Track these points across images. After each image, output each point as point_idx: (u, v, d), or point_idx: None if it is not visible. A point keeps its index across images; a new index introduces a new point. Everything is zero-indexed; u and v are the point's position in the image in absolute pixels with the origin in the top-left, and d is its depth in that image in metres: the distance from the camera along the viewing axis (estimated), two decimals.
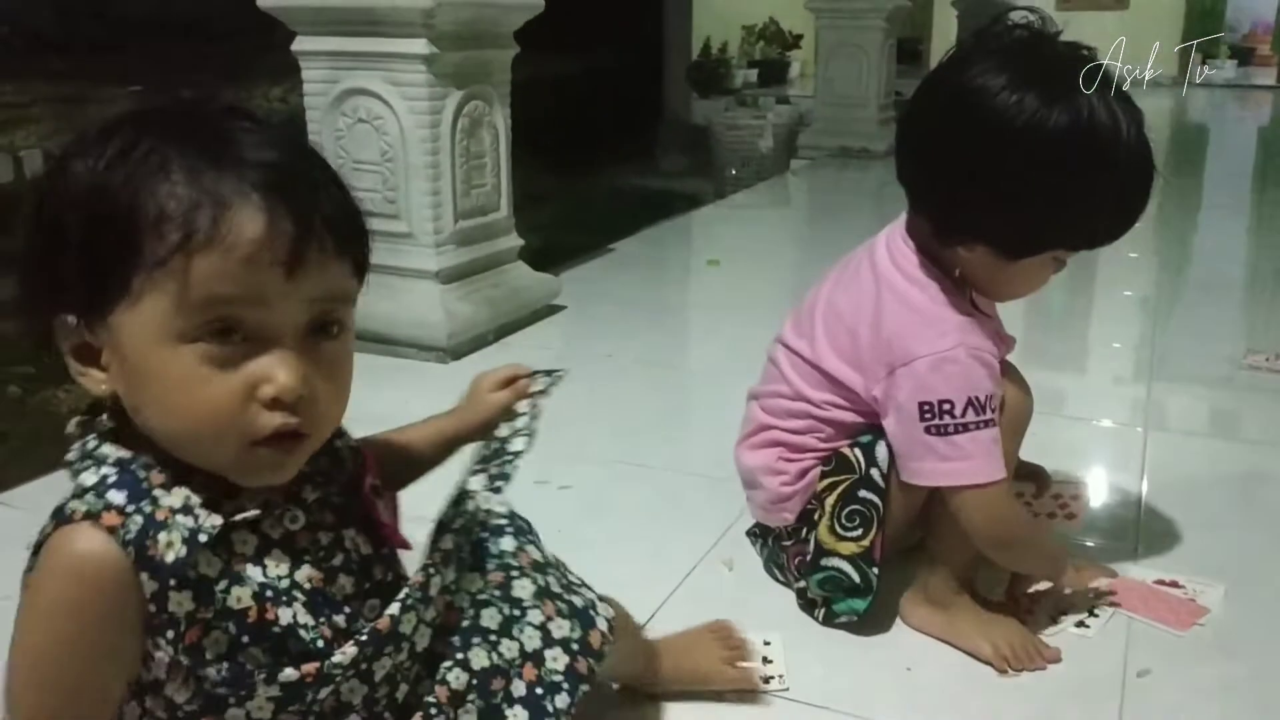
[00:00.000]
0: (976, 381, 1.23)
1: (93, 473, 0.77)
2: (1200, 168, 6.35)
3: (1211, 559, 1.52)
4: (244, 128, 0.77)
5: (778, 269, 3.49)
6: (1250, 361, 2.40)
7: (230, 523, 0.78)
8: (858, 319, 1.31)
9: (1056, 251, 1.25)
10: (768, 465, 1.40)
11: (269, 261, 0.72)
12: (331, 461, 0.87)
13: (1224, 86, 10.89)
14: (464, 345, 2.43)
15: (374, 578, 0.88)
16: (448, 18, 2.31)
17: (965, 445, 1.22)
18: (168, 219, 0.71)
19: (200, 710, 0.79)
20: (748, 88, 9.23)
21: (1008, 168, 1.17)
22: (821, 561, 1.32)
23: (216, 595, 0.77)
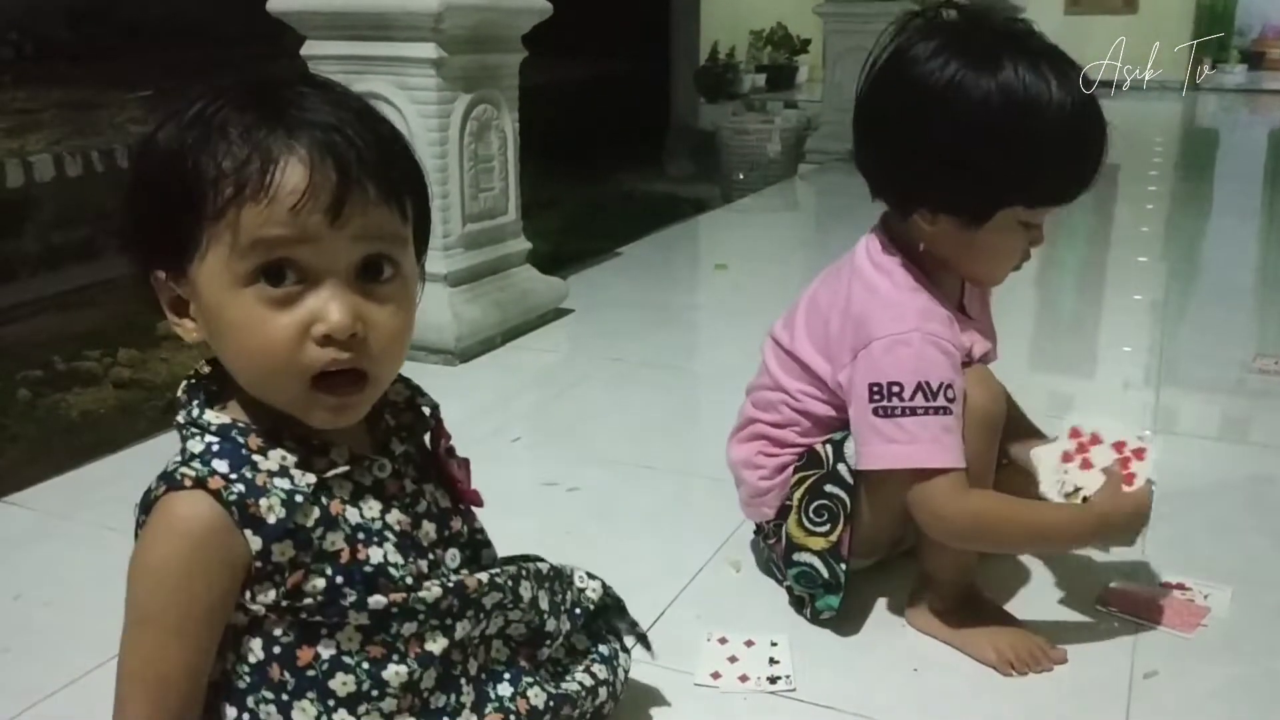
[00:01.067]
0: (929, 366, 1.21)
1: (198, 440, 0.85)
2: (1210, 172, 6.33)
3: (1219, 562, 1.52)
4: (302, 93, 0.83)
5: (785, 273, 3.48)
6: (1260, 365, 2.39)
7: (324, 479, 0.86)
8: (831, 308, 1.33)
9: (1014, 210, 1.22)
10: (748, 459, 1.42)
11: (313, 208, 0.79)
12: (415, 418, 0.96)
13: (1234, 90, 10.85)
14: (472, 348, 2.44)
15: (453, 528, 0.95)
16: (456, 22, 2.32)
17: (911, 428, 1.21)
18: (224, 175, 0.79)
19: (294, 642, 0.85)
20: (755, 92, 9.23)
21: (940, 130, 1.19)
22: (794, 556, 1.33)
23: (314, 541, 0.84)
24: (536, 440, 2.07)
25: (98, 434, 2.66)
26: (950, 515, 1.23)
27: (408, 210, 0.85)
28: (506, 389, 2.33)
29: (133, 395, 3.02)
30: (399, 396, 0.97)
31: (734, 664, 1.28)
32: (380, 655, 0.87)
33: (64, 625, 1.39)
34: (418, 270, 0.90)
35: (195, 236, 0.80)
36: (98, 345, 3.34)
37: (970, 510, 1.23)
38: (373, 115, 0.86)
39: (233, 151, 0.79)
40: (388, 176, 0.82)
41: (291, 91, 0.83)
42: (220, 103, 0.82)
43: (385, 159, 0.83)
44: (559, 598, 1.04)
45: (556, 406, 2.23)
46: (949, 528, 1.25)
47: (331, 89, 0.86)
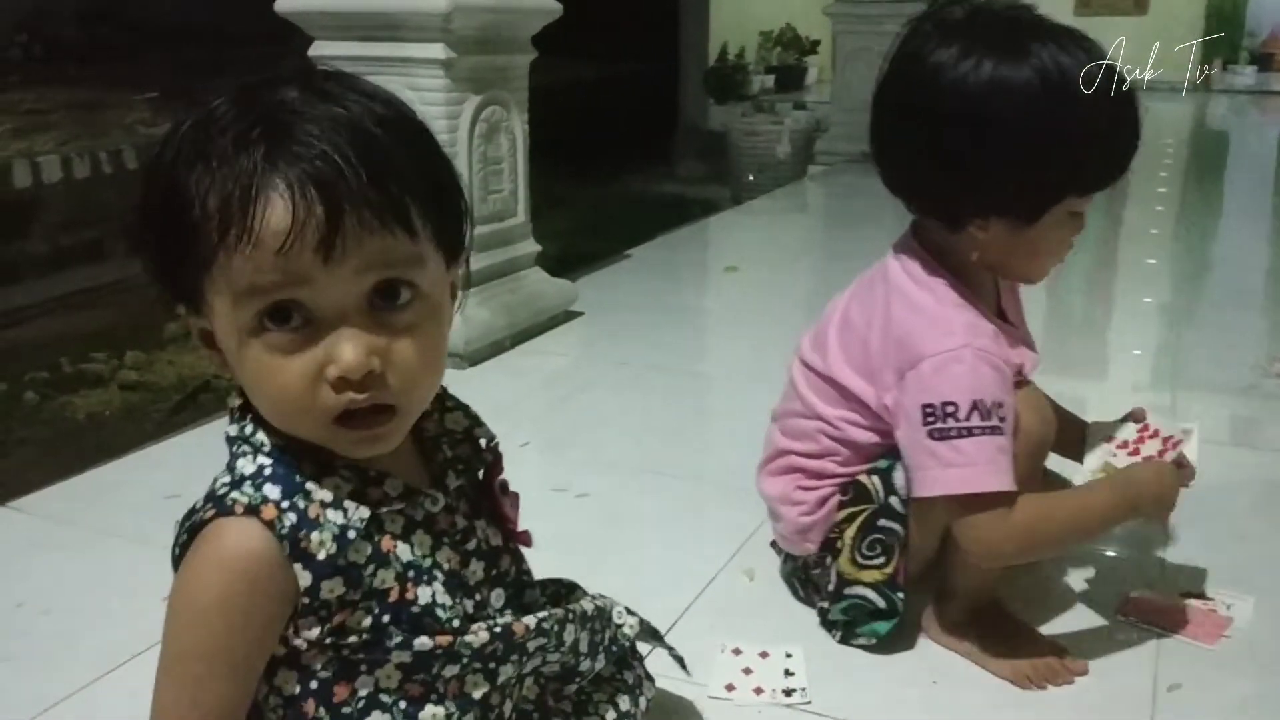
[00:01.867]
0: (983, 384, 1.17)
1: (250, 460, 0.81)
2: (1221, 173, 6.30)
3: (1241, 570, 1.50)
4: (293, 102, 0.76)
5: (796, 275, 3.46)
6: (1277, 369, 2.36)
7: (377, 514, 0.81)
8: (869, 328, 1.28)
9: (1068, 201, 1.19)
10: (786, 494, 1.36)
11: (301, 248, 0.72)
12: (473, 450, 0.92)
13: (1244, 92, 10.81)
14: (481, 351, 2.42)
15: (500, 567, 0.91)
16: (465, 22, 2.30)
17: (968, 450, 1.16)
18: (208, 218, 0.73)
19: (332, 678, 0.81)
20: (765, 93, 9.20)
21: (991, 134, 1.15)
22: (845, 591, 1.29)
23: (364, 579, 0.80)
24: (545, 445, 2.05)
25: (104, 436, 2.65)
26: (1000, 539, 1.20)
27: (416, 225, 0.77)
28: (515, 392, 2.31)
29: (139, 397, 3.00)
30: (458, 426, 0.93)
31: (748, 676, 1.26)
32: (418, 695, 0.84)
33: (65, 634, 1.37)
34: (448, 278, 0.83)
35: (198, 283, 0.76)
36: (104, 347, 3.33)
37: (1017, 528, 1.19)
38: (374, 119, 0.77)
39: (215, 188, 0.73)
40: (386, 198, 0.74)
41: (282, 101, 0.76)
42: (209, 121, 0.76)
43: (381, 177, 0.74)
44: (599, 637, 1.01)
45: (565, 410, 2.21)
46: (999, 550, 1.22)
47: (330, 90, 0.78)
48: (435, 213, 0.79)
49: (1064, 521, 1.24)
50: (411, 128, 0.80)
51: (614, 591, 1.43)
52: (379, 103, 0.79)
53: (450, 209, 0.82)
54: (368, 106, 0.77)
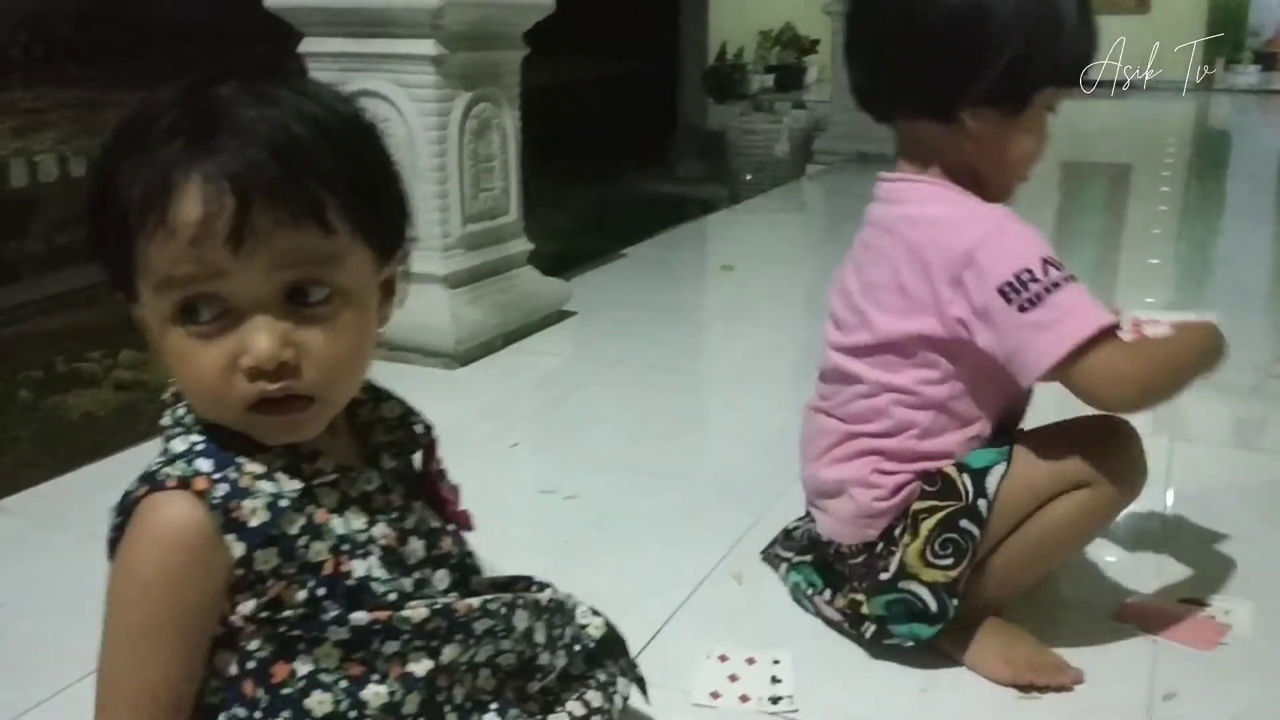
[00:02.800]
0: (1038, 241, 1.19)
1: (182, 440, 0.82)
2: (1223, 173, 6.27)
3: (1239, 575, 1.47)
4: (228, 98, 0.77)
5: (793, 274, 3.44)
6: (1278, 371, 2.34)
7: (310, 486, 0.83)
8: (897, 272, 1.24)
9: (1048, 91, 1.24)
10: (861, 478, 1.29)
11: (212, 241, 0.74)
12: (407, 436, 0.93)
13: (1246, 91, 10.79)
14: (472, 351, 2.39)
15: (442, 548, 0.92)
16: (456, 18, 2.28)
17: (1064, 302, 1.15)
18: (131, 207, 0.75)
19: (270, 658, 0.81)
20: (764, 93, 9.19)
21: (984, 25, 1.20)
22: (900, 584, 1.24)
23: (298, 550, 0.81)
24: (536, 445, 2.02)
25: (98, 435, 2.63)
26: (1133, 367, 1.17)
27: (333, 222, 0.77)
28: (507, 393, 2.29)
29: (134, 397, 2.99)
30: (392, 414, 0.94)
31: (734, 683, 1.23)
32: (359, 674, 0.83)
33: (47, 636, 1.35)
34: (379, 275, 0.84)
35: (126, 271, 0.78)
36: (99, 346, 3.32)
37: (1142, 354, 1.19)
38: (301, 117, 0.77)
39: (140, 177, 0.75)
40: (299, 193, 0.75)
41: (215, 96, 0.77)
42: (144, 112, 0.78)
43: (296, 173, 0.75)
44: (557, 631, 1.00)
45: (557, 410, 2.19)
46: (1138, 378, 1.17)
47: (268, 88, 0.79)
48: (361, 211, 0.80)
49: (1176, 351, 1.24)
50: (347, 126, 0.81)
51: (601, 594, 1.41)
52: (315, 101, 0.80)
53: (383, 208, 0.83)
54: (298, 105, 0.78)
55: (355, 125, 0.82)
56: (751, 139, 5.62)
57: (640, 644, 1.30)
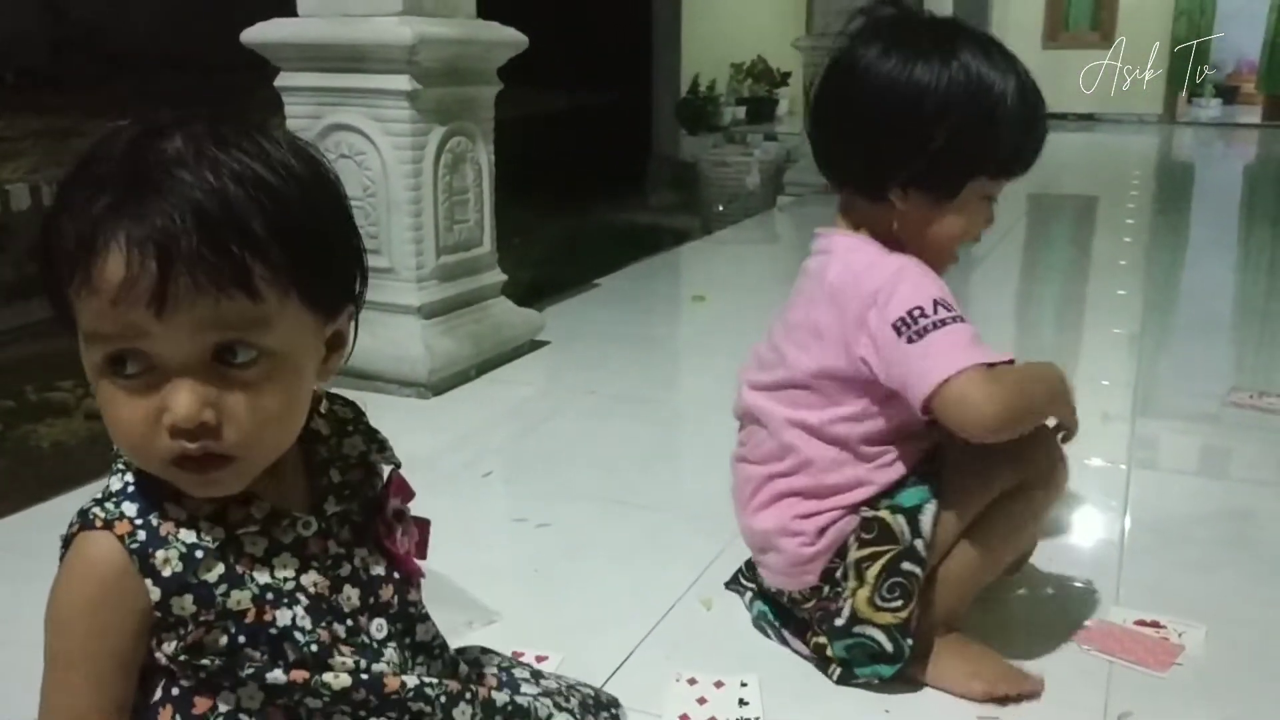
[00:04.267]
0: (935, 287, 1.25)
1: (119, 478, 0.83)
2: (1187, 205, 6.38)
3: (1195, 599, 1.51)
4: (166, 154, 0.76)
5: (764, 304, 3.45)
6: (1234, 399, 2.39)
7: (232, 536, 0.82)
8: (811, 311, 1.32)
9: (979, 183, 1.29)
10: (783, 526, 1.33)
11: (133, 302, 0.73)
12: (365, 475, 0.92)
13: (1209, 124, 10.98)
14: (446, 381, 2.42)
15: (381, 597, 0.90)
16: (430, 55, 2.31)
17: (948, 337, 1.20)
18: (64, 258, 0.75)
19: (195, 688, 0.82)
20: (736, 125, 9.28)
21: (907, 119, 1.25)
22: (854, 629, 1.28)
23: (216, 599, 0.81)
24: (508, 475, 2.05)
25: (69, 465, 2.62)
26: (993, 397, 1.19)
27: (260, 288, 0.76)
28: (480, 422, 2.31)
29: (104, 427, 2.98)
30: (353, 451, 0.92)
31: (703, 705, 1.26)
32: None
33: (16, 666, 1.34)
34: (321, 333, 0.83)
35: (65, 315, 0.78)
36: (70, 376, 3.31)
37: (1003, 386, 1.20)
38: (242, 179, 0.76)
39: (70, 230, 0.75)
40: (224, 261, 0.74)
41: (161, 151, 0.76)
42: (92, 159, 0.77)
43: (223, 240, 0.74)
44: None
45: (530, 440, 2.21)
46: (996, 410, 1.19)
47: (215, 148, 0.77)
48: (299, 273, 0.78)
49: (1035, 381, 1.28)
50: (296, 186, 0.79)
51: (571, 622, 1.44)
52: (264, 159, 0.78)
53: (327, 267, 0.82)
54: (243, 164, 0.77)
55: (305, 184, 0.80)
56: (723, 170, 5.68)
57: (610, 669, 1.33)
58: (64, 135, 5.73)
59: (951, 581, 1.30)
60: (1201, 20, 11.08)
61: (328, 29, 2.36)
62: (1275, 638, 1.43)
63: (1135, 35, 11.12)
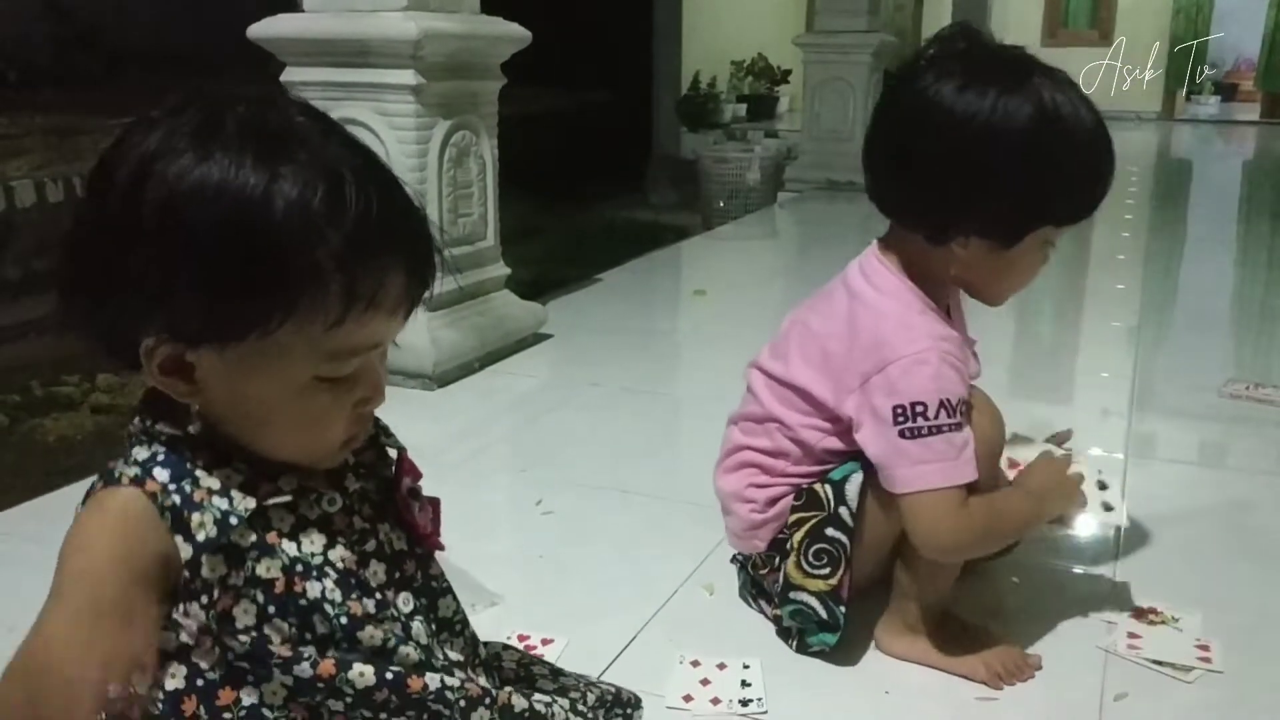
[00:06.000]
0: (948, 384, 1.23)
1: (145, 448, 0.82)
2: (1185, 201, 6.40)
3: (1193, 585, 1.53)
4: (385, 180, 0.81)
5: (764, 299, 3.50)
6: (1230, 390, 2.41)
7: (264, 506, 0.83)
8: (829, 334, 1.32)
9: (1045, 230, 1.27)
10: (738, 492, 1.40)
11: (401, 313, 0.82)
12: (378, 457, 0.94)
13: (1208, 122, 11.00)
14: (450, 373, 2.44)
15: (405, 571, 0.92)
16: (435, 49, 2.33)
17: (939, 447, 1.22)
18: (344, 286, 0.76)
19: (220, 680, 0.82)
20: (737, 122, 9.29)
21: (984, 160, 1.21)
22: (790, 595, 1.32)
23: (247, 562, 0.81)
24: (513, 465, 2.07)
25: (75, 459, 2.65)
26: (957, 527, 1.23)
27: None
28: (484, 413, 2.33)
29: (110, 421, 3.00)
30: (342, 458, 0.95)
31: (706, 687, 1.28)
32: (302, 718, 0.84)
33: None
34: None
35: (265, 330, 0.75)
36: (76, 370, 3.33)
37: (970, 517, 1.24)
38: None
39: (344, 260, 0.75)
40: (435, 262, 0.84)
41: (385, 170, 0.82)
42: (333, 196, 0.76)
43: (433, 247, 0.84)
44: None
45: (534, 431, 2.24)
46: (955, 540, 1.25)
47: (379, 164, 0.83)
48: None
49: (1001, 518, 1.28)
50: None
51: (575, 608, 1.46)
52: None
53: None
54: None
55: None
56: (723, 167, 5.69)
57: (615, 652, 1.35)
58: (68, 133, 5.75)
59: (923, 563, 1.31)
60: (1199, 18, 11.11)
61: (333, 24, 2.38)
62: (1270, 622, 1.45)
63: (1133, 33, 11.14)
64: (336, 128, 0.83)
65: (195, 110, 0.78)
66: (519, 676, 1.07)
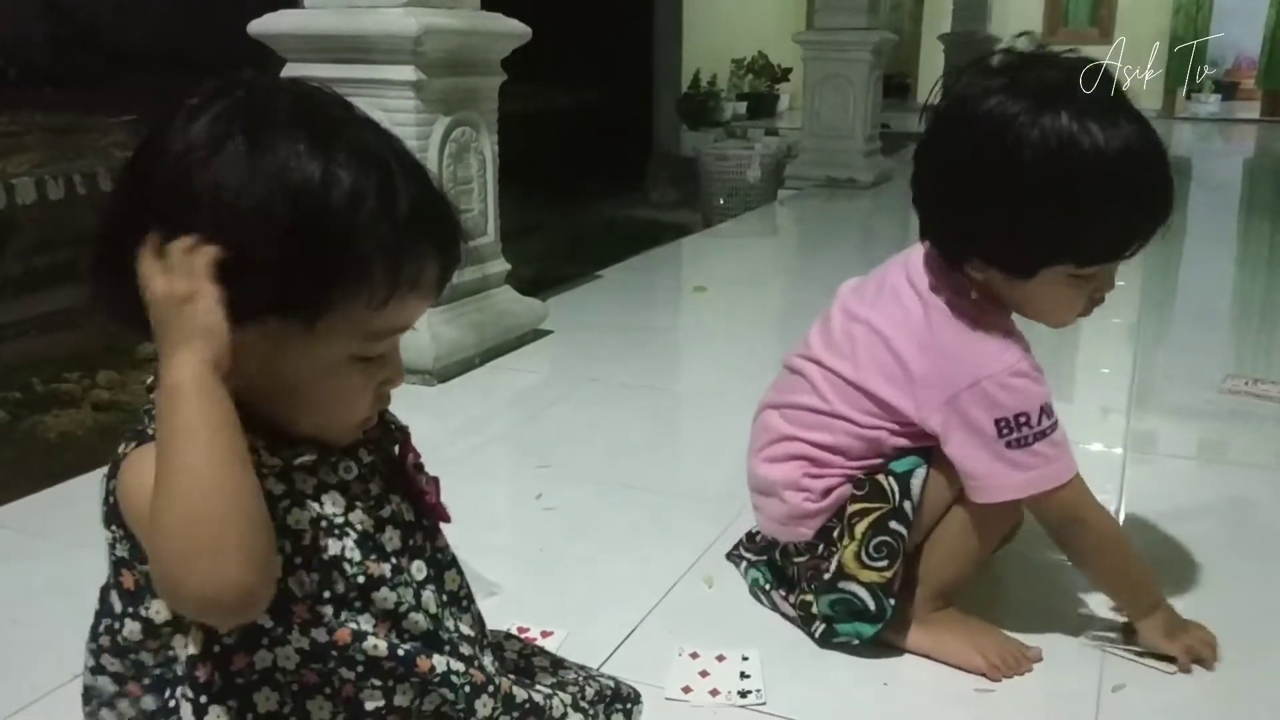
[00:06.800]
0: (1042, 390, 1.26)
1: None
2: (1184, 199, 6.40)
3: (1193, 577, 1.54)
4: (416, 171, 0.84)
5: (764, 296, 3.51)
6: (1229, 386, 2.42)
7: (290, 465, 0.85)
8: (904, 342, 1.28)
9: (1062, 268, 1.21)
10: (791, 480, 1.36)
11: (433, 296, 0.86)
12: (383, 432, 0.95)
13: (1208, 120, 11.00)
14: (450, 369, 2.44)
15: (416, 541, 0.94)
16: (435, 45, 2.34)
17: (1045, 450, 1.24)
18: (389, 268, 0.80)
19: (235, 645, 0.82)
20: (737, 120, 9.29)
21: (993, 188, 1.18)
22: (839, 584, 1.31)
23: (279, 510, 0.83)
24: (514, 460, 2.07)
25: (76, 455, 2.65)
26: (1098, 512, 1.29)
27: None
28: (485, 409, 2.34)
29: (111, 417, 3.01)
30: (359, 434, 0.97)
31: (705, 678, 1.29)
32: (312, 683, 0.85)
33: (30, 643, 1.38)
34: None
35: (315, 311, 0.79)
36: (77, 367, 3.34)
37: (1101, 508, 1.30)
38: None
39: (383, 242, 0.79)
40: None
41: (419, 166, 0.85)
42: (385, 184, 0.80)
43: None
44: None
45: (534, 426, 2.24)
46: (1094, 525, 1.29)
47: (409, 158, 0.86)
48: None
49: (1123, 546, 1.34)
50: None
51: (575, 600, 1.47)
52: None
53: None
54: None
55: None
56: (724, 165, 5.69)
57: (614, 644, 1.36)
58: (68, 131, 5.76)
59: (944, 551, 1.32)
60: (1199, 16, 11.10)
61: (333, 20, 2.39)
62: (1268, 615, 1.46)
63: (1133, 31, 11.14)
64: (368, 117, 0.85)
65: (241, 97, 0.80)
66: (519, 667, 1.09)
